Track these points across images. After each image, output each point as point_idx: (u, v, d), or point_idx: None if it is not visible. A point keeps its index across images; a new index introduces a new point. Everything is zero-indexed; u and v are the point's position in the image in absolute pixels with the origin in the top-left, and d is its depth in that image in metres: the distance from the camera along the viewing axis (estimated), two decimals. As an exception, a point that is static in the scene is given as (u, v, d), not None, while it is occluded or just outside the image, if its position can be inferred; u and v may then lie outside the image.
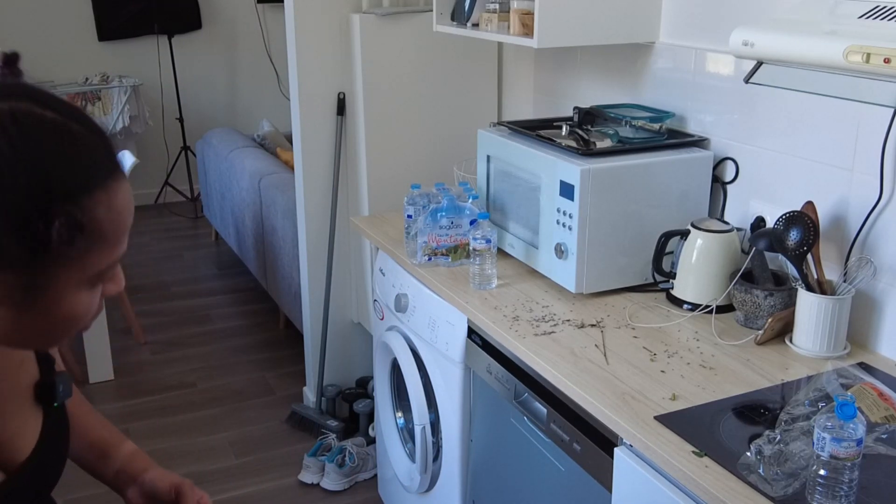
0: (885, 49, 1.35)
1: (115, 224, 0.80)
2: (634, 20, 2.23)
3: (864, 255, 1.76)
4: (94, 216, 0.78)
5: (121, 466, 1.18)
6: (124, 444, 1.20)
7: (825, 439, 1.22)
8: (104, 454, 1.18)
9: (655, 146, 2.08)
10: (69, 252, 0.77)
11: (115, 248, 0.82)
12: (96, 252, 0.80)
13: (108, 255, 0.81)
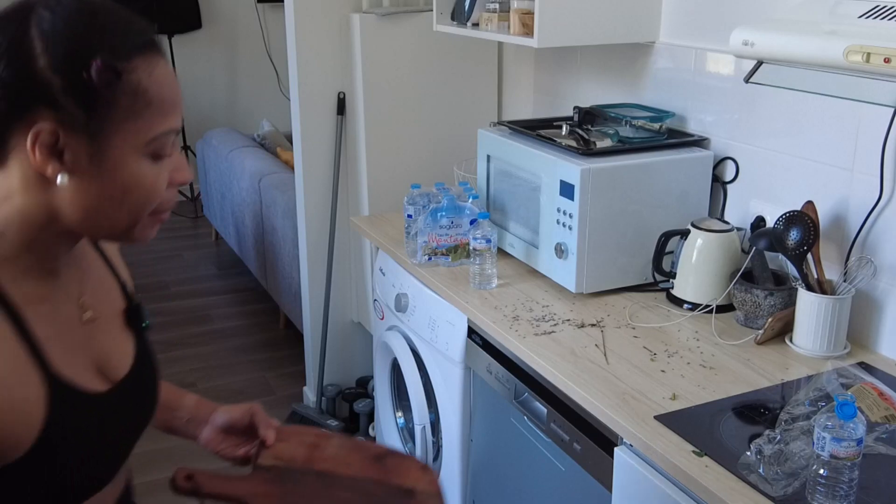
0: (885, 49, 1.35)
1: (159, 93, 0.88)
2: (634, 20, 2.23)
3: (864, 254, 1.76)
4: (134, 77, 0.85)
5: (190, 415, 1.27)
6: (187, 395, 1.29)
7: (825, 439, 1.22)
8: (172, 407, 1.27)
9: (655, 146, 2.08)
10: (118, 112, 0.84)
11: (163, 117, 0.88)
12: (144, 117, 0.86)
13: (157, 122, 0.88)
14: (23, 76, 0.82)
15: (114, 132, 0.85)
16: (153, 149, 0.89)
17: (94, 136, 0.85)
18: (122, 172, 0.87)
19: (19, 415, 0.86)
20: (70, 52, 0.83)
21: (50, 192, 0.87)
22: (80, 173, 0.86)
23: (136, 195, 0.89)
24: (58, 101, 0.82)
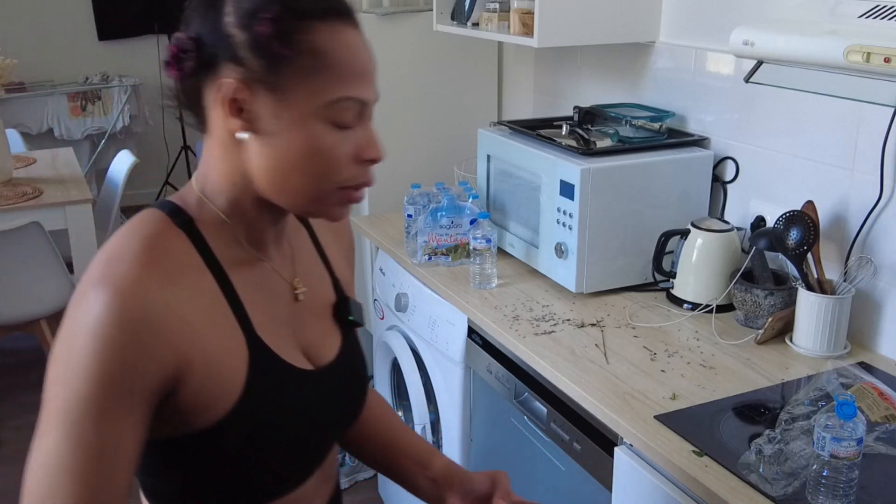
0: (885, 49, 1.35)
1: (341, 58, 0.88)
2: (634, 20, 2.23)
3: (864, 254, 1.76)
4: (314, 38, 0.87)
5: (438, 475, 1.20)
6: (439, 455, 1.24)
7: (825, 439, 1.22)
8: (424, 463, 1.21)
9: (655, 146, 2.08)
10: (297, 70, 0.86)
11: (344, 83, 0.88)
12: (323, 78, 0.87)
13: (338, 86, 0.87)
14: (212, 32, 0.86)
15: (293, 90, 0.86)
16: (333, 114, 0.88)
17: (274, 91, 0.86)
18: (301, 133, 0.87)
19: (227, 368, 0.88)
20: (254, 8, 0.85)
21: (242, 154, 0.89)
22: (261, 131, 0.87)
23: (316, 161, 0.89)
24: (241, 56, 0.85)
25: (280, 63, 0.86)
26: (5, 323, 3.21)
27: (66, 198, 3.42)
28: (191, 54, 0.87)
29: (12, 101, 5.26)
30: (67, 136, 5.45)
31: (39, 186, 3.56)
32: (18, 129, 5.07)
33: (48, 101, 5.38)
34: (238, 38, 0.85)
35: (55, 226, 3.34)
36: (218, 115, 0.88)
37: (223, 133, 0.89)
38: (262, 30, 0.85)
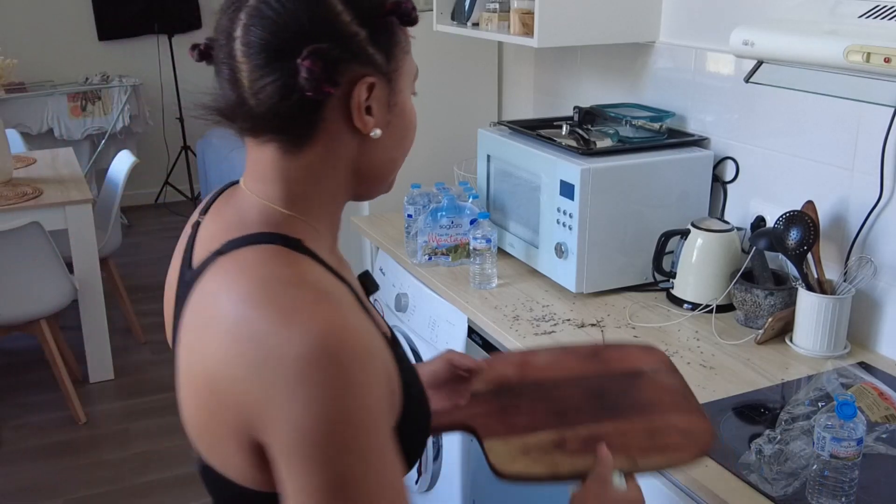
0: (885, 49, 1.35)
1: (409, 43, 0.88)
2: (634, 20, 2.23)
3: (864, 254, 1.76)
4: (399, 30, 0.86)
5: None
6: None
7: (825, 439, 1.22)
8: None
9: (655, 146, 2.08)
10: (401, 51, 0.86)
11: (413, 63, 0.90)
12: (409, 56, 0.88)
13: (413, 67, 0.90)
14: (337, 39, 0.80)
15: (400, 73, 0.87)
16: (413, 86, 0.91)
17: (391, 79, 0.86)
18: (406, 113, 0.89)
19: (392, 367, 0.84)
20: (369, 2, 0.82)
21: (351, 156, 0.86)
22: (383, 123, 0.86)
23: (411, 135, 0.92)
24: (367, 53, 0.82)
25: (395, 50, 0.86)
26: (5, 323, 3.21)
27: (66, 198, 3.42)
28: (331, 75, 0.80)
29: (12, 101, 5.26)
30: (67, 136, 5.45)
31: (39, 186, 3.56)
32: (18, 129, 5.06)
33: (48, 101, 5.38)
34: (362, 35, 0.82)
35: (55, 226, 3.34)
36: (338, 121, 0.83)
37: (340, 139, 0.84)
38: (391, 21, 0.84)
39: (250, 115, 0.84)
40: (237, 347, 0.75)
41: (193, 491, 2.91)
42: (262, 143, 0.86)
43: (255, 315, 0.76)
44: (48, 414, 3.39)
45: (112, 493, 2.91)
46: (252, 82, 0.82)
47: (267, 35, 0.80)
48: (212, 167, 4.96)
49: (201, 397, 0.80)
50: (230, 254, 0.82)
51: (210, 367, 0.78)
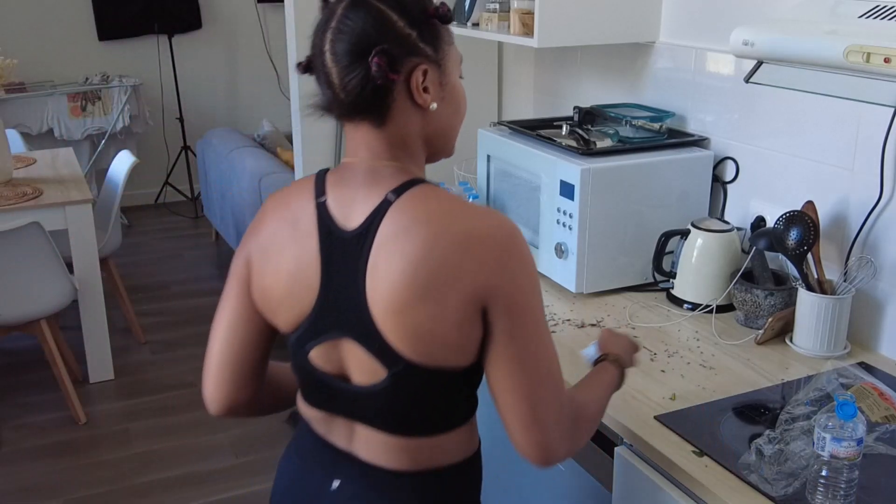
0: (885, 49, 1.35)
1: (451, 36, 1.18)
2: (634, 20, 2.23)
3: (864, 254, 1.76)
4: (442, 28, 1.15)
5: None
6: None
7: (825, 439, 1.22)
8: None
9: (655, 146, 2.08)
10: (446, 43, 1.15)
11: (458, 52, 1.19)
12: (454, 44, 1.18)
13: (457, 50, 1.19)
14: (399, 41, 1.09)
15: (448, 59, 1.16)
16: (459, 69, 1.20)
17: (441, 65, 1.14)
18: (455, 91, 1.19)
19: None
20: (419, 8, 1.12)
21: (421, 125, 1.15)
22: (438, 98, 1.15)
23: (462, 108, 1.21)
24: (419, 48, 1.11)
25: (441, 43, 1.14)
26: (5, 323, 3.21)
27: (66, 198, 3.42)
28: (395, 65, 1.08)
29: (12, 101, 5.26)
30: (67, 136, 5.45)
31: (39, 187, 3.56)
32: (18, 129, 5.07)
33: (48, 102, 5.38)
34: (414, 35, 1.10)
35: (55, 226, 3.35)
36: (406, 100, 1.12)
37: (410, 112, 1.13)
38: (436, 17, 1.13)
39: (343, 105, 1.12)
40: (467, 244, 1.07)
41: (193, 491, 2.91)
42: (357, 124, 1.14)
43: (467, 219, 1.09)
44: (48, 414, 3.39)
45: (112, 493, 2.91)
46: (340, 80, 1.10)
47: (346, 45, 1.08)
48: (212, 167, 4.96)
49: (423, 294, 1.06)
50: (404, 195, 1.11)
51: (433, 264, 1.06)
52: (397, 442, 1.17)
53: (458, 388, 1.17)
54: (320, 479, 1.24)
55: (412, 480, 1.19)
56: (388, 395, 1.14)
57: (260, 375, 1.33)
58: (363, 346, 1.12)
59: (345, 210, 1.14)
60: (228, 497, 2.89)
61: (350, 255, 1.12)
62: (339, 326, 1.14)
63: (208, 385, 1.29)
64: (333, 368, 1.18)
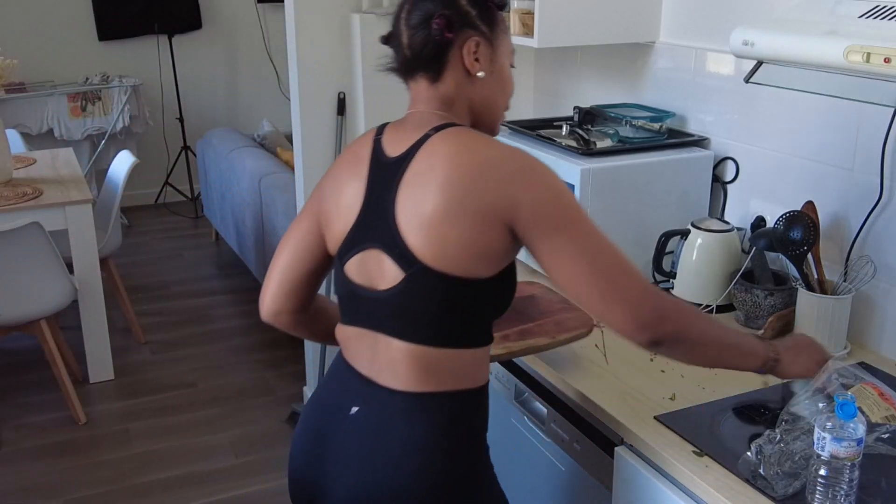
0: (885, 49, 1.35)
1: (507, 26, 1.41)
2: (634, 20, 2.23)
3: (864, 254, 1.76)
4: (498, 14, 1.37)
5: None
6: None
7: (825, 439, 1.22)
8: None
9: (655, 146, 2.08)
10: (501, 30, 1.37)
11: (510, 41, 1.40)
12: (508, 36, 1.40)
13: (510, 41, 1.40)
14: (455, 11, 1.32)
15: (500, 43, 1.36)
16: (511, 60, 1.40)
17: (493, 44, 1.35)
18: (503, 71, 1.38)
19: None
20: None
21: (468, 90, 1.35)
22: (487, 71, 1.35)
23: (508, 90, 1.40)
24: (475, 23, 1.33)
25: (496, 27, 1.35)
26: (5, 323, 3.21)
27: (66, 198, 3.42)
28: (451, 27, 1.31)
29: (12, 101, 5.26)
30: (67, 136, 5.45)
31: (39, 187, 3.56)
32: (18, 129, 5.07)
33: (48, 102, 5.38)
34: (472, 13, 1.32)
35: (55, 226, 3.35)
36: (458, 64, 1.33)
37: (460, 76, 1.34)
38: (491, 5, 1.35)
39: (407, 61, 1.35)
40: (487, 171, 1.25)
41: (193, 491, 2.91)
42: (416, 80, 1.37)
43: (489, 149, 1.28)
44: (48, 414, 3.39)
45: (112, 493, 2.90)
46: (409, 40, 1.33)
47: (417, 13, 1.32)
48: (212, 167, 4.96)
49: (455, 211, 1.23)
50: (441, 131, 1.30)
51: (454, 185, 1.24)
52: (413, 351, 1.29)
53: (471, 303, 1.29)
54: (342, 405, 1.37)
55: (427, 402, 1.31)
56: (404, 297, 1.28)
57: (310, 292, 1.48)
58: (387, 253, 1.28)
59: (393, 144, 1.34)
60: (228, 497, 2.89)
61: (388, 176, 1.31)
62: (371, 238, 1.31)
63: (266, 293, 1.47)
64: (363, 280, 1.33)
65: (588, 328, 1.66)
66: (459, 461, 1.34)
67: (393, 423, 1.31)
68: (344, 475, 1.34)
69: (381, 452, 1.31)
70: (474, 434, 1.38)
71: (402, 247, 1.26)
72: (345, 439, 1.35)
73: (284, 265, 1.45)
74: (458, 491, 1.33)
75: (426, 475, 1.30)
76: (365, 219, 1.33)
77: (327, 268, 1.46)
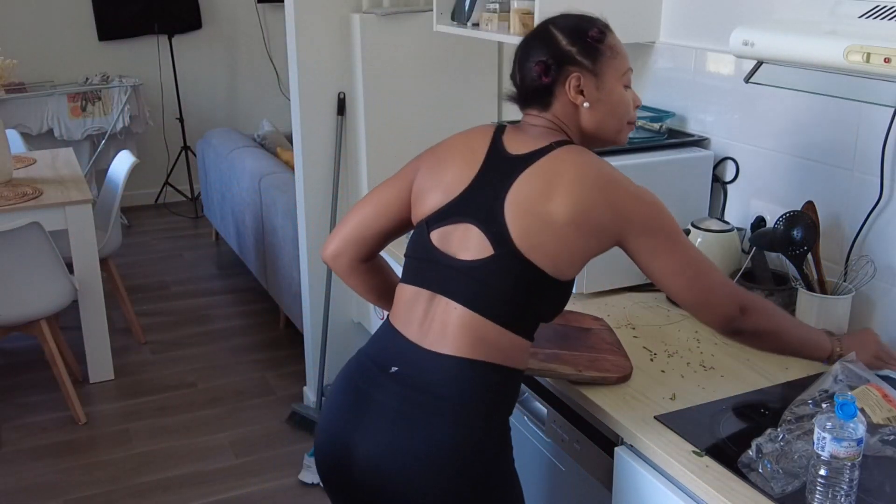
0: (885, 49, 1.35)
1: (620, 47, 1.50)
2: (634, 20, 2.23)
3: (864, 254, 1.76)
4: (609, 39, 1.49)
5: None
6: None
7: (825, 439, 1.22)
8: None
9: (656, 146, 2.08)
10: (605, 59, 1.47)
11: (624, 61, 1.50)
12: (617, 60, 1.49)
13: (623, 64, 1.50)
14: (555, 53, 1.46)
15: (605, 71, 1.47)
16: (624, 81, 1.50)
17: (597, 75, 1.47)
18: (613, 96, 1.49)
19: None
20: (578, 30, 1.47)
21: (578, 118, 1.49)
22: (593, 100, 1.47)
23: (621, 109, 1.50)
24: (577, 59, 1.46)
25: (599, 58, 1.46)
26: (5, 323, 3.21)
27: (66, 198, 3.42)
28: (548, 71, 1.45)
29: (12, 101, 5.26)
30: (67, 136, 5.45)
31: (39, 187, 3.56)
32: (18, 129, 5.06)
33: (48, 102, 5.38)
34: (573, 51, 1.46)
35: (55, 226, 3.34)
36: (565, 97, 1.47)
37: (569, 107, 1.48)
38: (592, 38, 1.46)
39: (521, 96, 1.52)
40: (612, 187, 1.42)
41: (193, 491, 2.91)
42: (528, 110, 1.52)
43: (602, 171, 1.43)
44: (48, 414, 3.39)
45: (112, 493, 2.90)
46: (520, 80, 1.51)
47: (526, 57, 1.49)
48: (212, 167, 4.96)
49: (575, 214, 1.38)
50: (565, 146, 1.45)
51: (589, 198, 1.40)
52: (472, 319, 1.41)
53: (539, 296, 1.43)
54: (383, 365, 1.46)
55: (475, 368, 1.40)
56: (485, 271, 1.40)
57: (375, 249, 1.60)
58: (483, 230, 1.41)
59: (515, 144, 1.47)
60: (228, 497, 2.89)
61: (509, 168, 1.44)
62: (469, 214, 1.43)
63: (334, 235, 1.60)
64: (448, 248, 1.45)
65: (620, 376, 1.62)
66: (495, 429, 1.43)
67: (436, 384, 1.40)
68: (377, 434, 1.41)
69: (415, 412, 1.40)
70: (502, 411, 1.46)
71: (501, 227, 1.40)
72: (382, 397, 1.43)
73: (363, 216, 1.58)
74: (489, 456, 1.41)
75: (463, 435, 1.39)
76: (468, 197, 1.45)
77: (399, 232, 1.58)
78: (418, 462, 1.38)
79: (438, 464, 1.38)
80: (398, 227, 1.57)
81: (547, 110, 1.49)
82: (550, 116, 1.49)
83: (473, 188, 1.46)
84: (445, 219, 1.46)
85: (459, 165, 1.49)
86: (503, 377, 1.43)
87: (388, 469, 1.40)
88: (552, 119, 1.49)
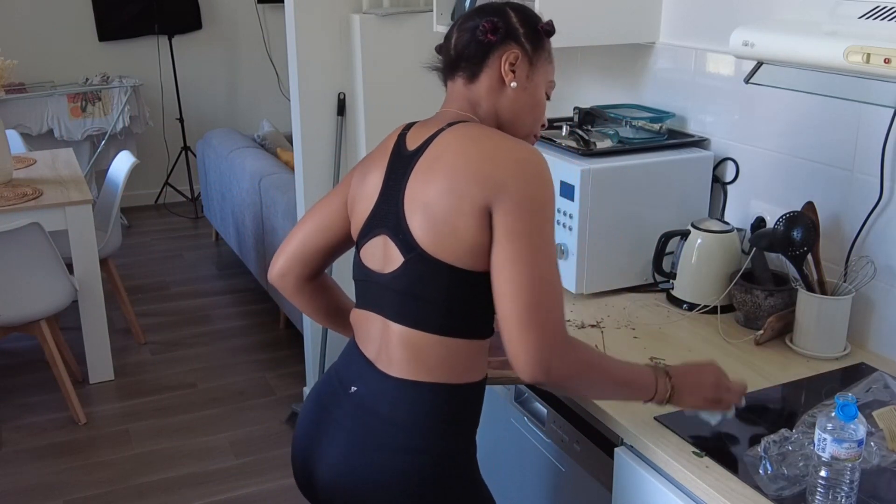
0: (885, 49, 1.35)
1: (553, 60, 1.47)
2: (634, 20, 2.23)
3: (864, 255, 1.76)
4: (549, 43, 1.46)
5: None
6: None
7: (826, 440, 1.22)
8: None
9: (656, 146, 2.08)
10: (543, 56, 1.44)
11: (553, 73, 1.47)
12: (550, 65, 1.46)
13: (552, 72, 1.47)
14: (507, 25, 1.41)
15: (539, 66, 1.43)
16: (547, 88, 1.46)
17: (532, 64, 1.42)
18: (537, 93, 1.44)
19: None
20: (528, 17, 1.44)
21: (497, 98, 1.42)
22: (521, 84, 1.41)
23: (538, 111, 1.45)
24: (521, 40, 1.41)
25: (539, 50, 1.43)
26: (5, 323, 3.21)
27: (65, 199, 3.42)
28: (496, 31, 1.38)
29: (12, 101, 5.26)
30: (67, 136, 5.45)
31: (39, 187, 3.56)
32: (18, 129, 5.06)
33: (48, 102, 5.38)
34: (522, 31, 1.41)
35: (55, 226, 3.35)
36: (495, 70, 1.40)
37: (494, 82, 1.41)
38: (542, 28, 1.43)
39: (450, 60, 1.44)
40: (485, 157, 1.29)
41: (193, 491, 2.91)
42: (454, 80, 1.44)
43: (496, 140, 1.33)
44: (48, 414, 3.39)
45: (112, 493, 2.91)
46: (456, 40, 1.42)
47: (471, 21, 1.42)
48: (212, 167, 4.96)
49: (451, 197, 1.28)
50: (455, 125, 1.36)
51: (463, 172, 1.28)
52: (409, 335, 1.34)
53: (465, 294, 1.33)
54: (345, 381, 1.44)
55: (415, 391, 1.35)
56: (402, 281, 1.33)
57: (320, 265, 1.55)
58: (392, 238, 1.34)
59: (414, 139, 1.40)
60: (228, 497, 2.89)
61: (403, 167, 1.37)
62: (382, 225, 1.37)
63: (279, 255, 1.55)
64: (374, 264, 1.39)
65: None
66: (453, 449, 1.38)
67: (382, 407, 1.36)
68: (333, 450, 1.40)
69: (368, 434, 1.37)
70: (460, 430, 1.40)
71: (405, 232, 1.33)
72: (341, 416, 1.42)
73: (305, 233, 1.53)
74: (448, 482, 1.38)
75: (418, 464, 1.35)
76: (380, 207, 1.39)
77: (342, 248, 1.53)
78: (372, 484, 1.36)
79: (391, 490, 1.35)
80: (341, 242, 1.52)
81: (473, 81, 1.41)
82: (472, 91, 1.41)
83: (382, 197, 1.39)
84: (368, 233, 1.40)
85: (374, 172, 1.42)
86: (450, 396, 1.36)
87: (345, 486, 1.39)
88: (469, 98, 1.42)
